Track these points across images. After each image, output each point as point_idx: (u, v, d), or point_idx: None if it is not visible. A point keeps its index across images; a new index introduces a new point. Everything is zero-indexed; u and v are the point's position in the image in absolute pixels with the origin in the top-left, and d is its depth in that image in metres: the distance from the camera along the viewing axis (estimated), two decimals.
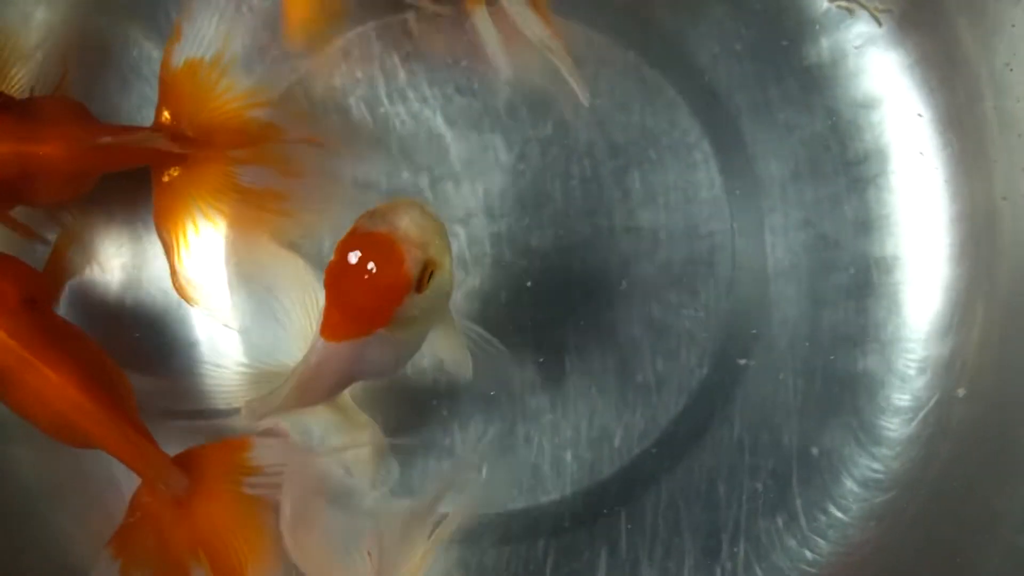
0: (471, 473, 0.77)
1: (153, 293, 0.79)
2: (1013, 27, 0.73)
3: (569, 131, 0.79)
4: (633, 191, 0.79)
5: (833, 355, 0.78)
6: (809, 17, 0.79)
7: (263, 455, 0.71)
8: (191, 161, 0.73)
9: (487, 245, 0.78)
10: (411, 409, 0.78)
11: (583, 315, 0.78)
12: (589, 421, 0.78)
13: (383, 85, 0.79)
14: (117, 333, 0.78)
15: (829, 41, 0.79)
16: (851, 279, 0.78)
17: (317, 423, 0.72)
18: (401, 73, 0.79)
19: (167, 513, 0.70)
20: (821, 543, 0.77)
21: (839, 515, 0.77)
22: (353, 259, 0.58)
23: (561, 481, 0.78)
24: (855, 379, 0.78)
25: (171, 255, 0.74)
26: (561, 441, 0.78)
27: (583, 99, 0.75)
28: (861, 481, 0.77)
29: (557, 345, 0.78)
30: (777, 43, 0.79)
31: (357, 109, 0.79)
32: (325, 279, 0.60)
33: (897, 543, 0.76)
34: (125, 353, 0.77)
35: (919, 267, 0.78)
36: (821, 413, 0.78)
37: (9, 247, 0.75)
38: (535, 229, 0.78)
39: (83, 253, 0.79)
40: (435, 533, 0.70)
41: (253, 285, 0.76)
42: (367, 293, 0.59)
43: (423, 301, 0.59)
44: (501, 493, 0.78)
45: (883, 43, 0.79)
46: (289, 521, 0.66)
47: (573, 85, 0.74)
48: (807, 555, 0.77)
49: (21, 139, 0.69)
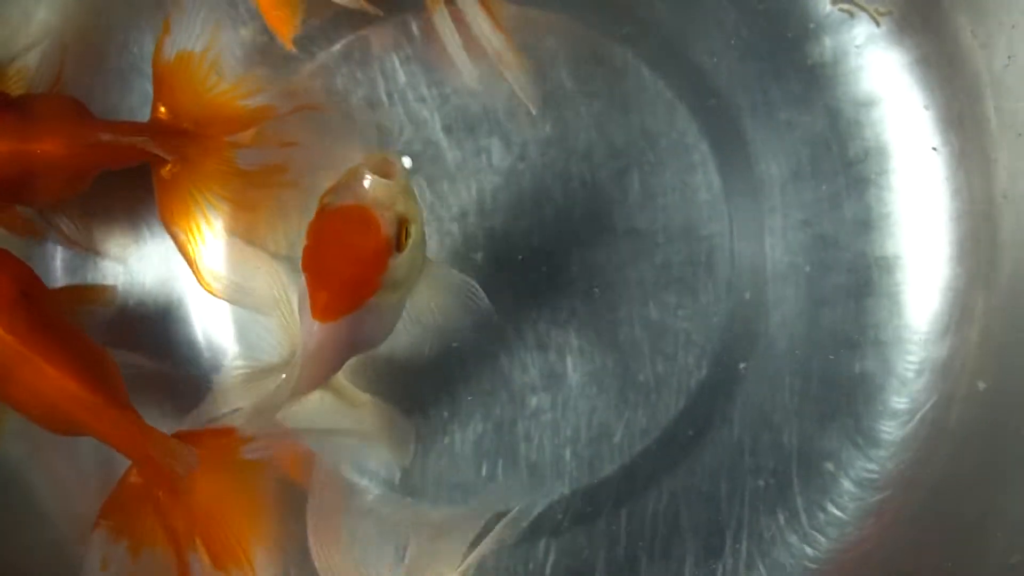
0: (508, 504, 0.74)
1: (155, 293, 0.79)
2: (1013, 27, 0.73)
3: (568, 132, 0.79)
4: (632, 192, 0.79)
5: (832, 355, 0.78)
6: (810, 17, 0.79)
7: (252, 434, 0.70)
8: (190, 154, 0.73)
9: (484, 246, 0.78)
10: (411, 409, 0.79)
11: (583, 315, 0.78)
12: (589, 420, 0.78)
13: (382, 86, 0.79)
14: (118, 333, 0.78)
15: (831, 41, 0.79)
16: (850, 279, 0.78)
17: (319, 413, 0.72)
18: (401, 75, 0.79)
19: (159, 496, 0.70)
20: (821, 540, 0.77)
21: (838, 513, 0.77)
22: (330, 238, 0.58)
23: (561, 480, 0.78)
24: (854, 380, 0.78)
25: (186, 251, 0.74)
26: (561, 440, 0.78)
27: (532, 108, 0.76)
28: (858, 481, 0.77)
29: (557, 345, 0.78)
30: (777, 43, 0.79)
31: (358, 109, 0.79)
32: (304, 263, 0.60)
33: (896, 541, 0.76)
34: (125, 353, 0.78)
35: (919, 267, 0.78)
36: (820, 414, 0.78)
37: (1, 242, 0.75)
38: (534, 230, 0.78)
39: (84, 254, 0.79)
40: (469, 555, 0.69)
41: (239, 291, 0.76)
42: (352, 267, 0.59)
43: (406, 258, 0.60)
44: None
45: (884, 43, 0.79)
46: (315, 533, 0.66)
47: (520, 94, 0.75)
48: (808, 551, 0.77)
49: (18, 137, 0.69)
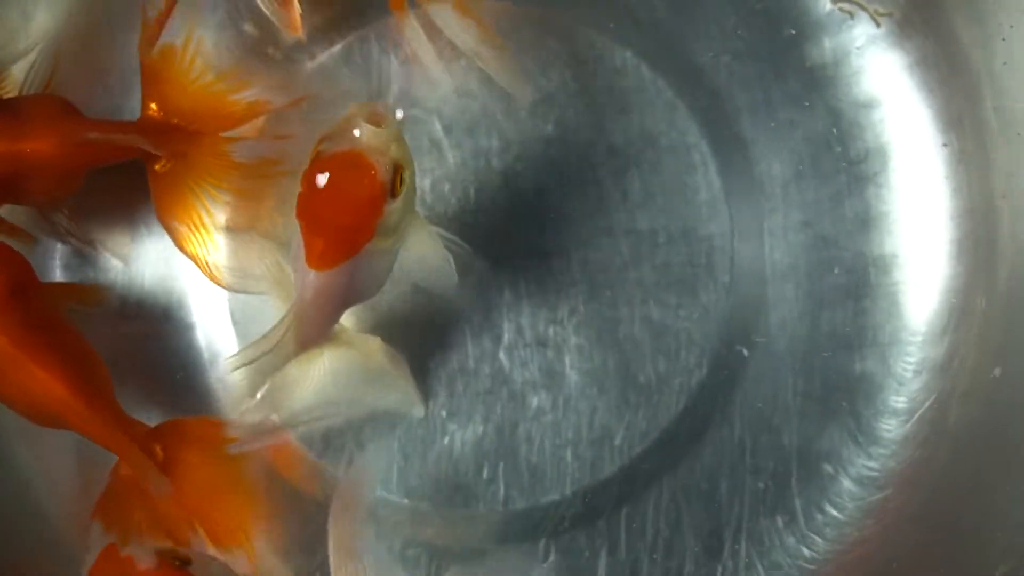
0: None
1: (154, 293, 0.79)
2: (1012, 27, 0.73)
3: (568, 132, 0.79)
4: (632, 192, 0.79)
5: (832, 356, 0.78)
6: (811, 17, 0.79)
7: (240, 428, 0.71)
8: (183, 148, 0.73)
9: (483, 245, 0.78)
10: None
11: (583, 315, 0.78)
12: (590, 420, 0.78)
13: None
14: (117, 333, 0.78)
15: (831, 41, 0.79)
16: (850, 279, 0.78)
17: (337, 363, 0.71)
18: (401, 76, 0.79)
19: (148, 489, 0.70)
20: (819, 541, 0.77)
21: (836, 514, 0.77)
22: (326, 184, 0.58)
23: (561, 480, 0.78)
24: (853, 380, 0.78)
25: (187, 245, 0.73)
26: (562, 440, 0.78)
27: (523, 102, 0.77)
28: (858, 480, 0.77)
29: (557, 345, 0.78)
30: (777, 43, 0.79)
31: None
32: (298, 211, 0.60)
33: (895, 541, 0.76)
34: (125, 353, 0.77)
35: (918, 266, 0.78)
36: (820, 413, 0.78)
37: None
38: (533, 230, 0.79)
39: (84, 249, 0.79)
40: None
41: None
42: (348, 213, 0.59)
43: (400, 204, 0.60)
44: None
45: (884, 43, 0.79)
46: (335, 552, 0.65)
47: (509, 89, 0.75)
48: (806, 553, 0.77)
49: (6, 137, 0.69)
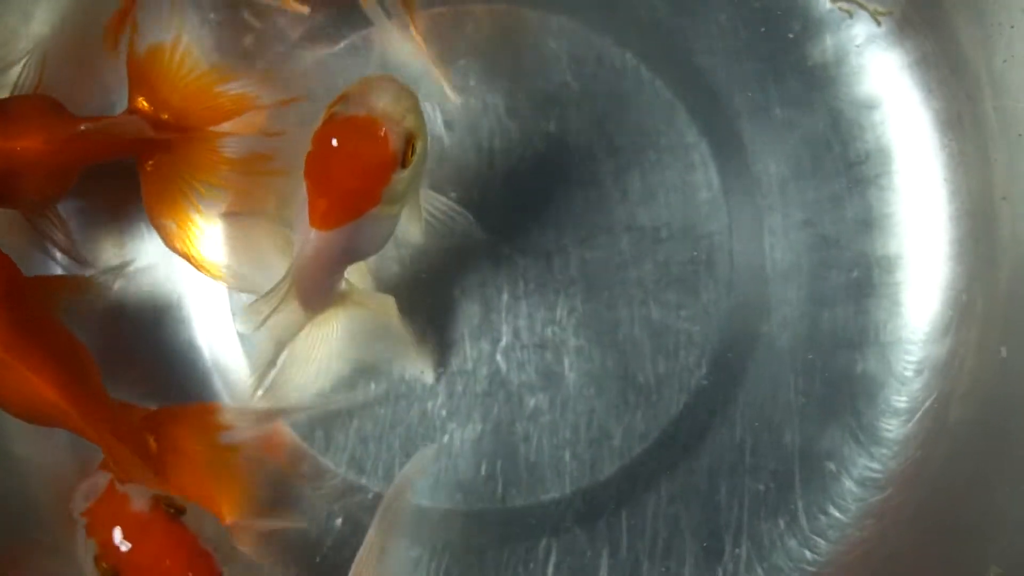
0: None
1: (154, 293, 0.79)
2: (1012, 27, 0.73)
3: (568, 131, 0.79)
4: (632, 191, 0.79)
5: (833, 356, 0.78)
6: (811, 17, 0.79)
7: (233, 416, 0.72)
8: (174, 144, 0.72)
9: (482, 243, 0.78)
10: (408, 409, 0.79)
11: (583, 315, 0.78)
12: (589, 421, 0.78)
13: None
14: (117, 334, 0.78)
15: (831, 41, 0.79)
16: (851, 279, 0.78)
17: (350, 322, 0.72)
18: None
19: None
20: (821, 543, 0.77)
21: (838, 515, 0.77)
22: (336, 147, 0.59)
23: (561, 480, 0.78)
24: (855, 379, 0.78)
25: (178, 242, 0.73)
26: (560, 440, 0.78)
27: (452, 97, 0.77)
28: (859, 481, 0.77)
29: (556, 345, 0.78)
30: (778, 42, 0.79)
31: None
32: (306, 170, 0.60)
33: (895, 542, 0.76)
34: (125, 354, 0.77)
35: (919, 266, 0.78)
36: (821, 414, 0.78)
37: None
38: (533, 229, 0.78)
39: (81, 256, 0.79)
40: None
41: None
42: (355, 178, 0.60)
43: (408, 174, 0.61)
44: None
45: (884, 43, 0.79)
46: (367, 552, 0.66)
47: (440, 83, 0.77)
48: (807, 555, 0.77)
49: None
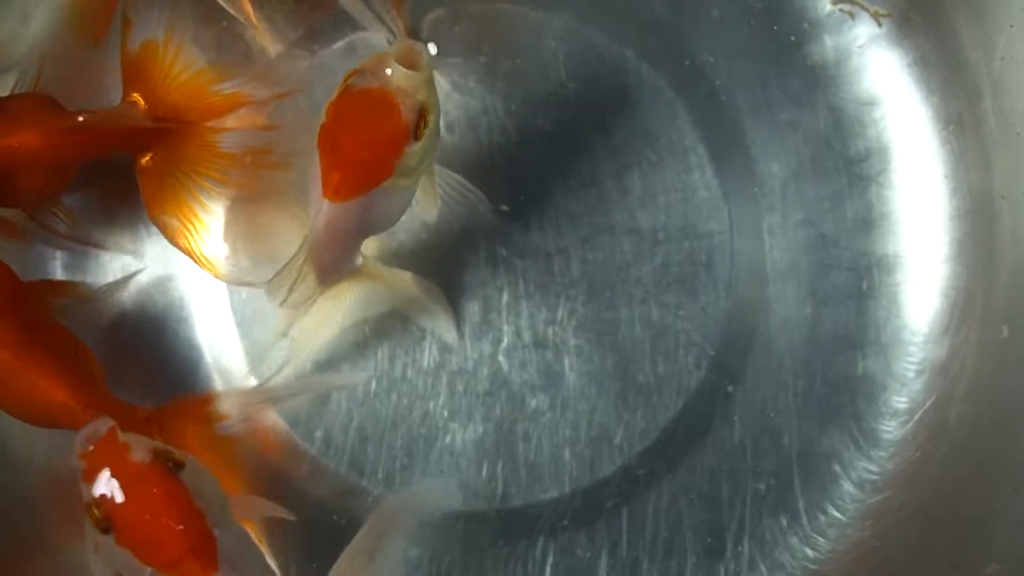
0: None
1: (154, 293, 0.79)
2: (1012, 27, 0.73)
3: (568, 131, 0.79)
4: (632, 191, 0.79)
5: (833, 356, 0.78)
6: (811, 17, 0.79)
7: (228, 403, 0.72)
8: (170, 141, 0.72)
9: (482, 243, 0.78)
10: (409, 409, 0.79)
11: (583, 315, 0.78)
12: (589, 420, 0.78)
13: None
14: (117, 334, 0.78)
15: (832, 41, 0.79)
16: (851, 279, 0.78)
17: (367, 295, 0.73)
18: None
19: None
20: (822, 542, 0.77)
21: (838, 515, 0.77)
22: (350, 119, 0.60)
23: (560, 480, 0.78)
24: (855, 380, 0.78)
25: (180, 238, 0.73)
26: (560, 440, 0.78)
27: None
28: (858, 482, 0.77)
29: (557, 344, 0.78)
30: (778, 42, 0.79)
31: None
32: (319, 142, 0.61)
33: (895, 542, 0.76)
34: (125, 355, 0.77)
35: (919, 266, 0.78)
36: (821, 414, 0.78)
37: None
38: (533, 229, 0.78)
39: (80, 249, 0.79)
40: None
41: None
42: (369, 149, 0.60)
43: (421, 147, 0.61)
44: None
45: (885, 43, 0.79)
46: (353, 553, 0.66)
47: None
48: (809, 553, 0.77)
49: None
